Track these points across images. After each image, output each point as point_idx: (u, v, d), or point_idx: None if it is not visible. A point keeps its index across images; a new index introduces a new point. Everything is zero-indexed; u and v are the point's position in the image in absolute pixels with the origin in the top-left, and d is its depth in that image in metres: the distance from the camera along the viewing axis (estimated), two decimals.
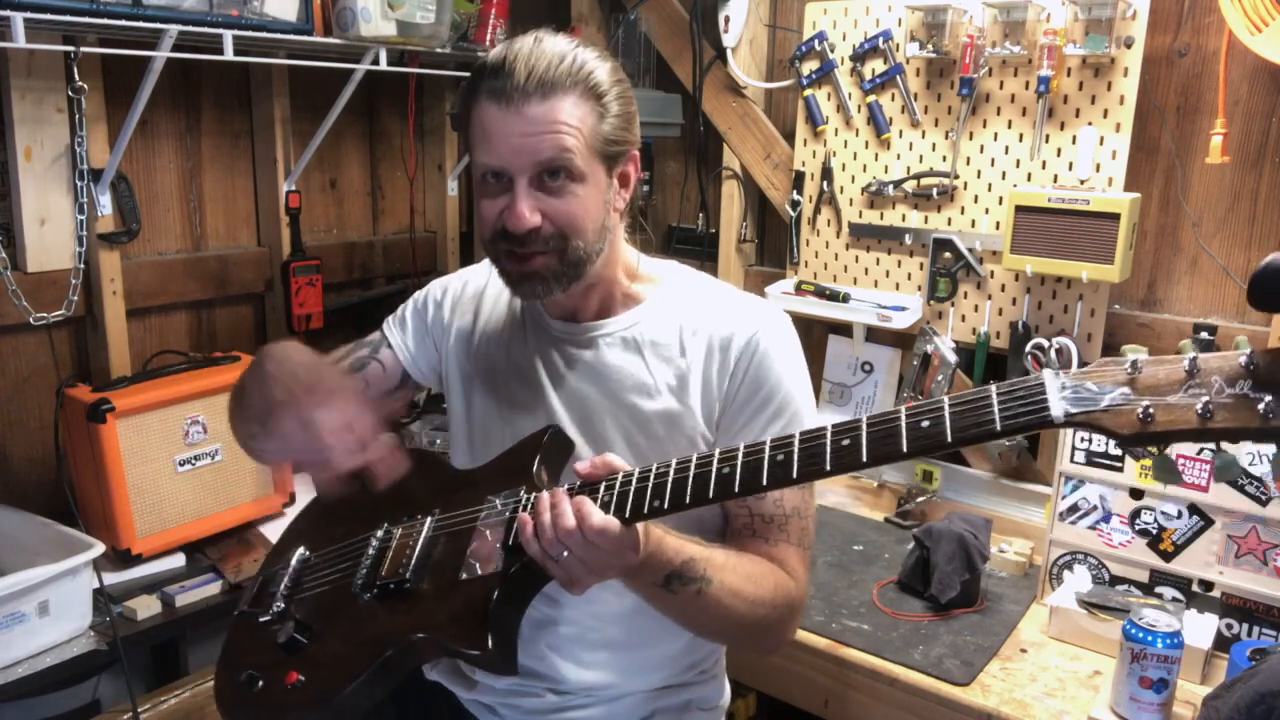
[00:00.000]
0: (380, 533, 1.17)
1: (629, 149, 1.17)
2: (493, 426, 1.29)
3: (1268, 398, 0.72)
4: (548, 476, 1.10)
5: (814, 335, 2.36)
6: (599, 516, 0.94)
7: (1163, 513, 1.64)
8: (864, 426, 0.87)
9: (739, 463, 0.92)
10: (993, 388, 0.82)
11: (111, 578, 1.80)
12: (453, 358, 1.36)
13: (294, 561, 1.23)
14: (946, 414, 0.83)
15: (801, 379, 1.24)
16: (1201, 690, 1.43)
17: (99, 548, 1.69)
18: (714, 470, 0.93)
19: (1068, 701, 1.47)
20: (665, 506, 0.94)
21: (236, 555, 1.96)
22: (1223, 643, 1.55)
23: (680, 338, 1.23)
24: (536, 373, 1.26)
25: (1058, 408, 0.78)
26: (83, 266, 1.98)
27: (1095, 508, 1.71)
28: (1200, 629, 1.56)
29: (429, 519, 1.15)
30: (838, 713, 1.60)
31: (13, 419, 1.98)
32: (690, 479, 0.94)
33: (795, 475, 0.89)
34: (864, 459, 0.86)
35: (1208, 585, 1.61)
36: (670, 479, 0.95)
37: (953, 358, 2.06)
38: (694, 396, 1.21)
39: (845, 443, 0.87)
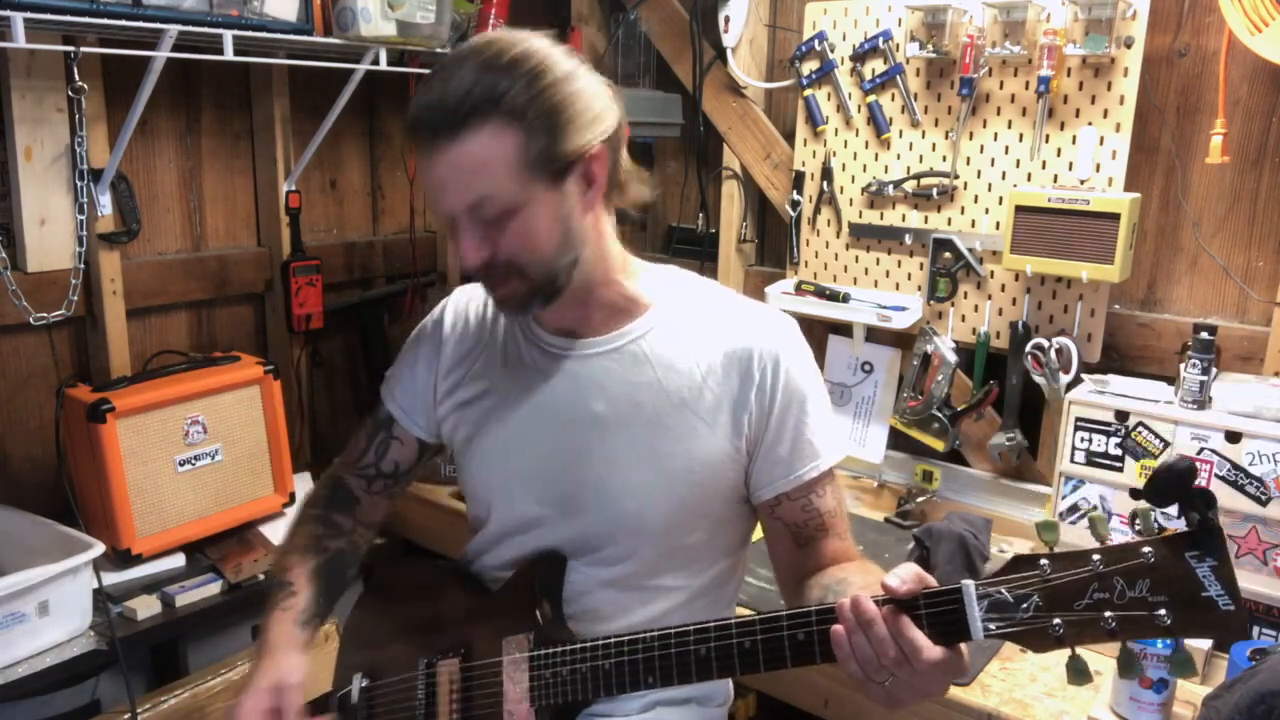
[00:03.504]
0: (423, 670, 1.23)
1: (581, 153, 1.08)
2: (498, 459, 1.26)
3: (1161, 611, 0.83)
4: (550, 607, 1.16)
5: (814, 335, 2.35)
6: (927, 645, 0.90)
7: (1163, 513, 1.63)
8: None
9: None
10: (921, 600, 0.90)
11: (111, 578, 1.80)
12: (448, 394, 1.31)
13: (357, 691, 1.31)
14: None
15: (819, 380, 1.25)
16: (1201, 690, 1.43)
17: (99, 548, 1.70)
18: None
19: (1068, 701, 1.47)
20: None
21: (236, 555, 1.96)
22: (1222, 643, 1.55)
23: (692, 349, 1.19)
24: (542, 395, 1.22)
25: (977, 627, 0.88)
26: (83, 266, 1.98)
27: (1095, 507, 1.71)
28: None
29: (457, 661, 1.21)
30: (838, 713, 1.60)
31: (13, 419, 1.98)
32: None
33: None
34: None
35: None
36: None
37: (953, 358, 2.06)
38: (713, 410, 1.18)
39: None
